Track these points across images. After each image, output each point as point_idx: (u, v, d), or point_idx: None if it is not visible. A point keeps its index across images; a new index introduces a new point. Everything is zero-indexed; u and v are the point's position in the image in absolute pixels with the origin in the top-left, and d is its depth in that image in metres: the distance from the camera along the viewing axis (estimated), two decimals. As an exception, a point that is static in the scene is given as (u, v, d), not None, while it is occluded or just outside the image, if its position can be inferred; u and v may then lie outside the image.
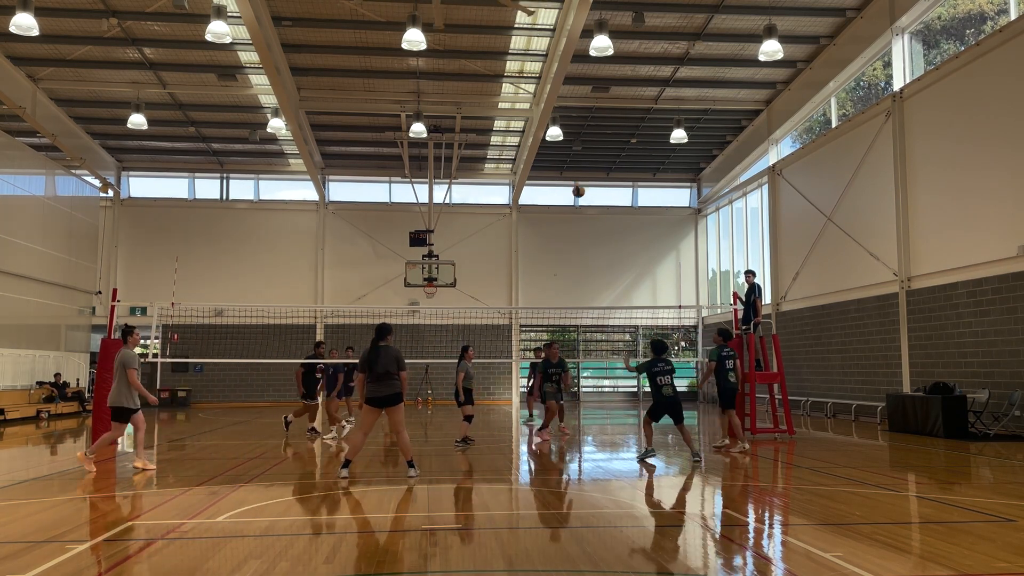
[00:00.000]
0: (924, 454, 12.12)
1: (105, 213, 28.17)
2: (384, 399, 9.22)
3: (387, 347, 9.36)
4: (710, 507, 8.20)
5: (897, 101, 18.11)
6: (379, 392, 9.22)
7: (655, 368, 11.40)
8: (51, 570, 5.24)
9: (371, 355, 9.27)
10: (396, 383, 9.26)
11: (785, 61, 20.34)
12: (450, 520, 7.17)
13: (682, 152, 28.16)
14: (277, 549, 5.95)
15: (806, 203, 22.13)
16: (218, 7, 16.45)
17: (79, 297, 25.76)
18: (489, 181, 30.36)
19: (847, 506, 7.53)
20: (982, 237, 15.46)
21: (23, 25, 15.52)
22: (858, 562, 5.32)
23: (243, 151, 27.96)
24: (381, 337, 9.41)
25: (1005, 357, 14.79)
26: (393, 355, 9.29)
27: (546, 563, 5.54)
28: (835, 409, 20.38)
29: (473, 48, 20.70)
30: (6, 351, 21.26)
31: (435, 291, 25.56)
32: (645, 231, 30.41)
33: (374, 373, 9.22)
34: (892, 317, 18.25)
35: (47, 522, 6.98)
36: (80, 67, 21.53)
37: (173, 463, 11.54)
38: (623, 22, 18.88)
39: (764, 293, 22.10)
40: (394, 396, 9.24)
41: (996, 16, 16.19)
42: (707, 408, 25.64)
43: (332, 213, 29.36)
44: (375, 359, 9.23)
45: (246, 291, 27.35)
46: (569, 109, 24.06)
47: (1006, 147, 14.93)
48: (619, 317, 29.93)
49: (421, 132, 23.13)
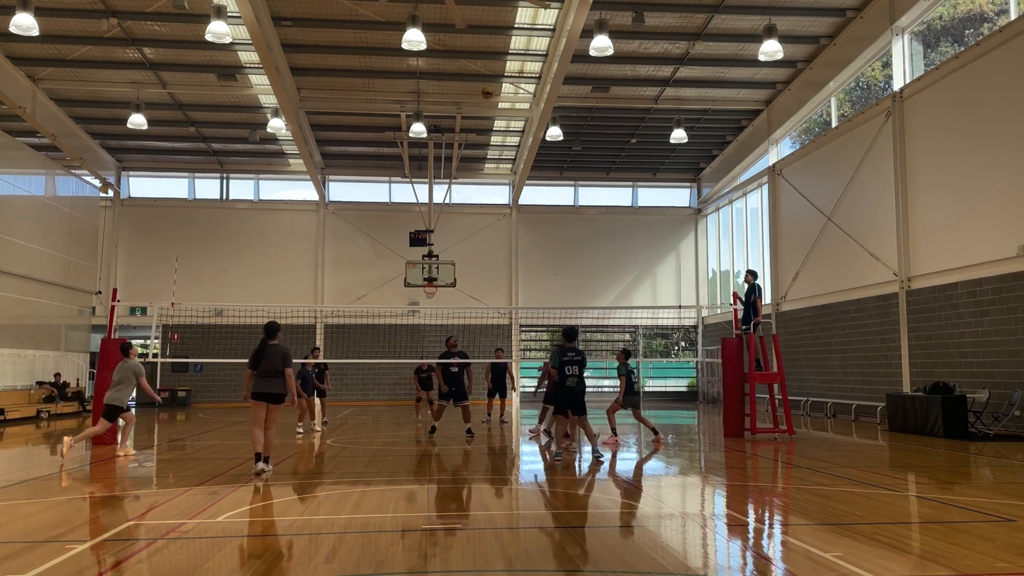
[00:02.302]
0: (924, 454, 12.12)
1: (105, 213, 28.17)
2: (268, 395, 9.70)
3: (275, 345, 9.82)
4: (710, 507, 8.20)
5: (897, 101, 18.11)
6: (264, 388, 9.68)
7: (565, 357, 10.98)
8: (51, 570, 5.24)
9: (259, 352, 9.74)
10: (280, 381, 9.72)
11: (785, 61, 20.34)
12: (450, 520, 7.17)
13: (682, 152, 28.16)
14: (277, 549, 5.95)
15: (806, 203, 22.13)
16: (218, 7, 16.45)
17: (79, 297, 25.75)
18: (489, 181, 30.37)
19: (847, 506, 7.53)
20: (982, 237, 15.46)
21: (23, 25, 15.52)
22: (858, 562, 5.32)
23: (243, 151, 27.96)
24: (271, 336, 9.86)
25: (1005, 357, 14.79)
26: (280, 352, 9.72)
27: (546, 563, 5.54)
28: (835, 409, 20.38)
29: (473, 48, 20.70)
30: (6, 351, 21.26)
31: (435, 291, 25.55)
32: (645, 231, 30.41)
33: (261, 369, 9.70)
34: (892, 317, 18.25)
35: (47, 522, 6.98)
36: (80, 67, 21.53)
37: (173, 463, 11.54)
38: (623, 22, 18.88)
39: (764, 293, 22.10)
40: (277, 395, 9.71)
41: (996, 16, 16.19)
42: (707, 408, 25.64)
43: (332, 213, 29.36)
44: (262, 356, 9.69)
45: (246, 291, 27.35)
46: (569, 109, 24.06)
47: (1006, 147, 14.93)
48: (619, 317, 29.93)
49: (421, 132, 23.13)
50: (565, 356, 11.00)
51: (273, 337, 9.85)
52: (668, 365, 32.23)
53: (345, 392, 26.97)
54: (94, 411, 14.15)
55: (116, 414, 11.81)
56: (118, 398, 11.75)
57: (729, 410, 15.19)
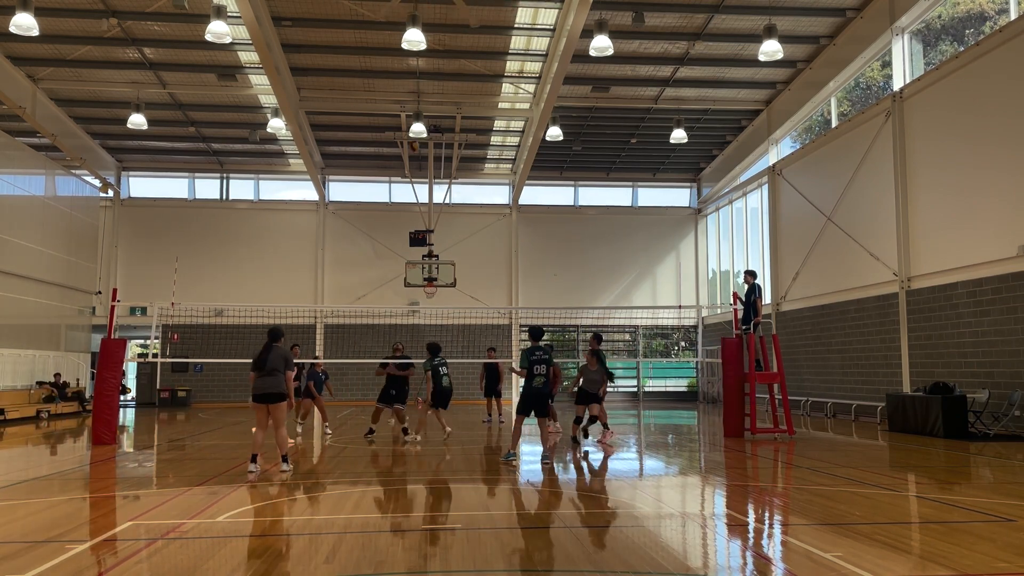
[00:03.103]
0: (924, 454, 12.12)
1: (105, 213, 28.17)
2: (267, 396, 9.82)
3: (277, 347, 9.99)
4: (710, 507, 8.20)
5: (897, 101, 18.11)
6: (263, 389, 9.82)
7: (534, 356, 10.74)
8: (51, 570, 5.24)
9: (261, 355, 9.91)
10: (281, 382, 9.85)
11: (785, 61, 20.34)
12: (450, 520, 7.17)
13: (682, 152, 28.16)
14: (277, 549, 5.95)
15: (806, 203, 22.13)
16: (218, 7, 16.44)
17: (79, 297, 25.75)
18: (489, 181, 30.37)
19: (847, 506, 7.53)
20: (982, 237, 15.45)
21: (23, 25, 15.51)
22: (858, 562, 5.32)
23: (243, 151, 27.96)
24: (274, 339, 10.06)
25: (1005, 357, 14.79)
26: (281, 355, 9.89)
27: (546, 563, 5.55)
28: (835, 409, 20.38)
29: (473, 48, 20.70)
30: (6, 351, 21.25)
31: (435, 291, 25.55)
32: (645, 231, 30.42)
33: (263, 371, 9.82)
34: (892, 317, 18.25)
35: (47, 522, 6.98)
36: (80, 67, 21.53)
37: (173, 463, 11.54)
38: (623, 22, 18.88)
39: (764, 293, 22.10)
40: (276, 395, 9.80)
41: (996, 16, 16.19)
42: (707, 408, 25.64)
43: (332, 213, 29.36)
44: (265, 359, 9.85)
45: (246, 291, 27.34)
46: (569, 109, 24.06)
47: (1006, 147, 14.93)
48: (619, 317, 29.94)
49: (421, 132, 23.12)
50: (533, 356, 10.75)
51: (276, 340, 10.05)
52: (668, 365, 32.24)
53: (345, 392, 26.94)
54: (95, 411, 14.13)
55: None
56: None
57: (729, 410, 15.19)
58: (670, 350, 32.27)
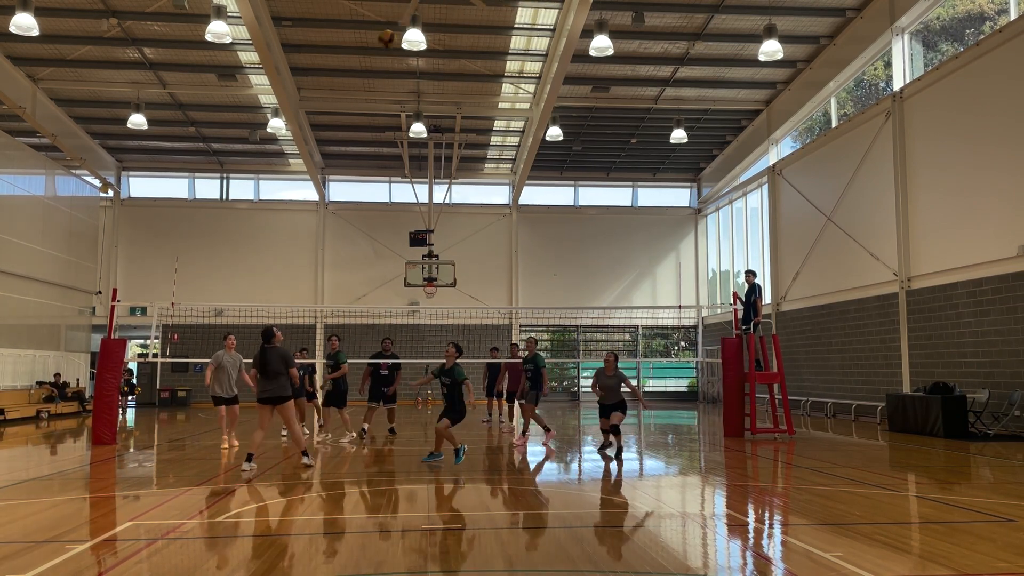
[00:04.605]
0: (924, 454, 12.12)
1: (105, 213, 28.17)
2: (270, 398, 9.83)
3: (274, 348, 9.97)
4: (710, 507, 8.20)
5: (897, 101, 18.11)
6: (266, 391, 9.84)
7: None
8: (51, 570, 5.24)
9: (261, 357, 9.87)
10: (284, 382, 9.86)
11: (785, 61, 20.34)
12: (450, 520, 7.17)
13: (682, 152, 28.16)
14: (277, 549, 5.95)
15: (806, 203, 22.13)
16: (218, 7, 16.45)
17: (79, 297, 25.74)
18: (489, 181, 30.36)
19: (847, 506, 7.53)
20: (982, 237, 15.45)
21: (23, 25, 15.51)
22: (858, 562, 5.32)
23: (243, 151, 27.96)
24: (267, 340, 10.02)
25: (1005, 357, 14.79)
26: (280, 355, 9.91)
27: (546, 563, 5.54)
28: (835, 409, 20.37)
29: (473, 48, 20.70)
30: (6, 351, 21.25)
31: (435, 291, 25.55)
32: (645, 231, 30.41)
33: (265, 373, 9.84)
34: (892, 317, 18.25)
35: (47, 522, 6.97)
36: (80, 67, 21.53)
37: (173, 463, 11.54)
38: (623, 22, 18.87)
39: (764, 293, 22.10)
40: (279, 397, 9.83)
41: (996, 16, 16.19)
42: (707, 408, 25.64)
43: (332, 213, 29.36)
44: (265, 360, 9.84)
45: (246, 291, 27.34)
46: (569, 109, 24.05)
47: (1006, 147, 14.93)
48: (619, 317, 29.94)
49: (421, 132, 23.13)
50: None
51: (269, 341, 10.01)
52: (668, 365, 32.24)
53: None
54: (95, 411, 14.14)
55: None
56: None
57: (729, 410, 15.19)
58: (670, 350, 32.27)
